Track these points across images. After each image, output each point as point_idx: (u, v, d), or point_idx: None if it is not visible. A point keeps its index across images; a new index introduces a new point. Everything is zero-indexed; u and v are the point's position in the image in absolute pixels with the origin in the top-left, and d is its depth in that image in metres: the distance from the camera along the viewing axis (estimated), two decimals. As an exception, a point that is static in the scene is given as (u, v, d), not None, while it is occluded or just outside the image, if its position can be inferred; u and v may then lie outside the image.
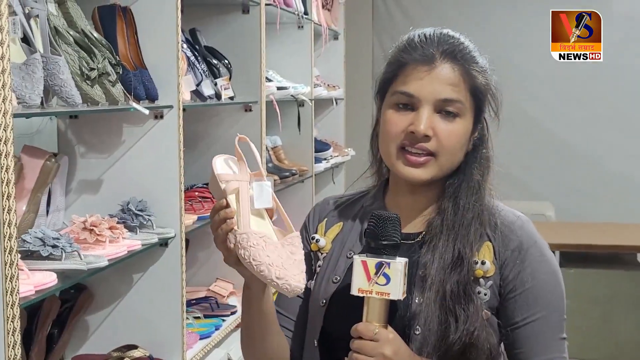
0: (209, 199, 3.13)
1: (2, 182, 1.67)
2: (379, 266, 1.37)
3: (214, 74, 3.18)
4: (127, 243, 2.34)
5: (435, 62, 1.48)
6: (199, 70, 3.02)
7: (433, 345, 1.44)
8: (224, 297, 3.33)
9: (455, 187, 1.52)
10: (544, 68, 5.96)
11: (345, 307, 1.45)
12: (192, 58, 3.02)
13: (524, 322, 1.49)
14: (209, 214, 2.95)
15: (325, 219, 1.65)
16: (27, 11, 2.05)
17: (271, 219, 1.49)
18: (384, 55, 1.59)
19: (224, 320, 3.18)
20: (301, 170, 4.29)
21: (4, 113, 1.68)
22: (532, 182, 6.05)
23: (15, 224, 1.72)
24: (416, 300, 1.46)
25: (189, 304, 3.08)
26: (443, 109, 1.48)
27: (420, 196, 1.55)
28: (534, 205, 5.66)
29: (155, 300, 2.67)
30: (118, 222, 2.42)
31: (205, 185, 3.29)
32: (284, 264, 1.40)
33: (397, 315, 1.46)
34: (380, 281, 1.37)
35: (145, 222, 2.54)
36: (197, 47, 3.19)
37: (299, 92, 4.13)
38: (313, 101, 4.50)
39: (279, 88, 3.84)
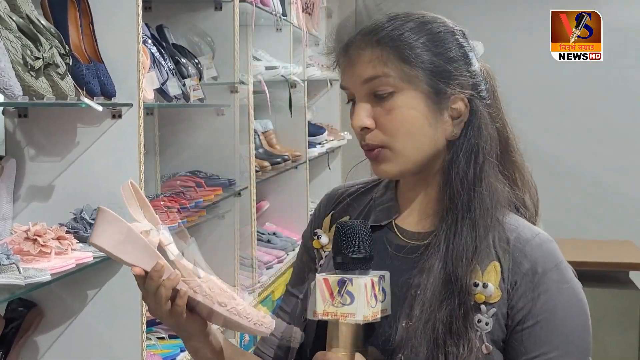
0: (192, 188, 2.92)
1: None
2: (341, 283, 1.20)
3: (182, 73, 2.95)
4: (77, 255, 2.09)
5: (353, 44, 1.30)
6: (164, 68, 2.79)
7: None
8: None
9: (446, 177, 1.31)
10: (537, 76, 5.87)
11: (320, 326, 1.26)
12: (157, 55, 2.79)
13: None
14: (174, 224, 2.72)
15: (332, 212, 1.45)
16: (-41, -10, 1.82)
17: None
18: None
19: (191, 340, 2.93)
20: (294, 155, 4.10)
21: None
22: (517, 197, 5.91)
23: None
24: (402, 324, 1.24)
25: (152, 323, 2.83)
26: (374, 91, 1.28)
27: (425, 186, 1.34)
28: (521, 220, 5.52)
29: (112, 319, 2.43)
30: (68, 232, 2.17)
31: (188, 174, 3.07)
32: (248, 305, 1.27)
33: (379, 340, 1.25)
34: (345, 300, 1.20)
35: (100, 232, 2.29)
36: (163, 44, 2.96)
37: (290, 72, 3.91)
38: (306, 82, 4.29)
39: (267, 68, 3.62)
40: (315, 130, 4.58)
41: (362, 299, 1.19)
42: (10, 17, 1.99)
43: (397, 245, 1.33)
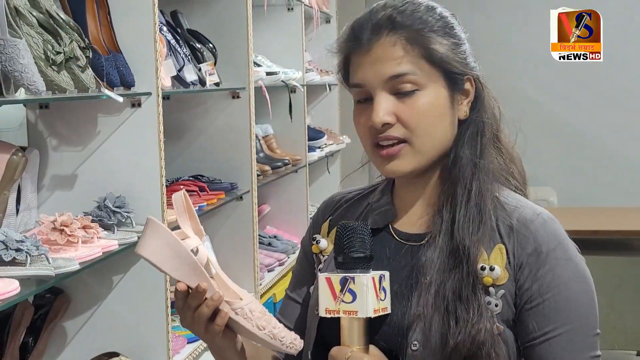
0: (195, 192, 2.96)
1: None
2: (343, 282, 1.25)
3: (197, 58, 3.00)
4: (102, 244, 2.14)
5: (370, 42, 1.31)
6: (180, 54, 2.83)
7: None
8: (214, 296, 3.15)
9: (449, 169, 1.35)
10: (546, 52, 5.90)
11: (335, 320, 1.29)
12: (173, 42, 2.83)
13: (544, 338, 1.28)
14: (195, 207, 2.77)
15: (330, 218, 1.48)
16: (-19, -11, 1.85)
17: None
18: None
19: (213, 321, 2.99)
20: (294, 159, 4.14)
21: (-51, 102, 1.49)
22: (532, 167, 5.90)
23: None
24: (413, 310, 1.29)
25: (174, 305, 2.90)
26: (397, 88, 1.30)
27: (422, 188, 1.38)
28: (535, 190, 5.44)
29: (137, 303, 2.50)
30: (93, 221, 2.22)
31: (191, 178, 3.11)
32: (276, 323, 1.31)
33: (390, 328, 1.30)
34: (347, 299, 1.25)
35: (123, 220, 2.35)
36: (178, 30, 3.00)
37: (290, 77, 3.95)
38: (305, 87, 4.32)
39: (268, 73, 3.66)
40: (314, 134, 4.63)
41: (369, 294, 1.24)
42: (31, 13, 2.03)
43: (395, 247, 1.37)
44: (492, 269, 1.27)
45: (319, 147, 4.61)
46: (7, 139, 2.28)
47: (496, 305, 1.27)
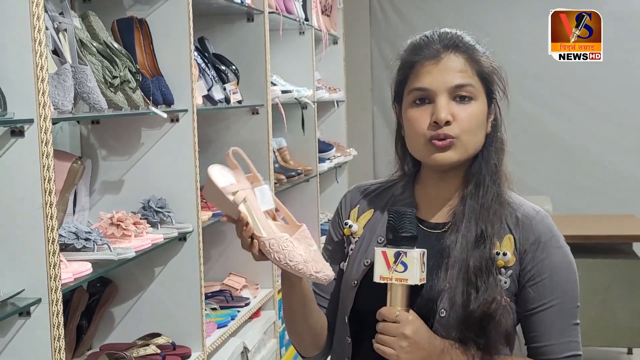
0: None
1: (45, 180, 1.87)
2: (397, 255, 1.53)
3: (222, 79, 3.37)
4: (151, 237, 2.53)
5: (440, 55, 1.61)
6: (209, 76, 3.21)
7: (457, 327, 1.57)
8: (238, 290, 3.52)
9: (476, 170, 1.66)
10: (543, 66, 6.08)
11: (374, 288, 1.58)
12: (202, 65, 3.21)
13: (542, 308, 1.62)
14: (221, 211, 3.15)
15: (357, 206, 1.78)
16: (56, 25, 2.25)
17: (274, 219, 1.64)
18: (382, 59, 1.74)
19: (238, 312, 3.36)
20: (306, 170, 4.47)
21: (44, 118, 1.88)
22: (529, 177, 6.17)
23: (56, 217, 1.91)
24: (440, 283, 1.60)
25: (205, 296, 3.26)
26: (457, 94, 1.60)
27: (447, 184, 1.68)
28: (532, 199, 5.71)
29: (175, 292, 2.85)
30: (141, 218, 2.60)
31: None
32: (313, 257, 1.56)
33: (421, 298, 1.59)
34: (399, 269, 1.53)
35: (165, 218, 2.72)
36: (206, 54, 3.38)
37: (302, 95, 4.31)
38: (315, 103, 4.67)
39: (283, 92, 4.03)
40: (324, 147, 4.96)
41: (417, 266, 1.52)
42: (92, 44, 2.42)
43: (421, 233, 1.66)
44: (504, 254, 1.62)
45: (329, 159, 4.94)
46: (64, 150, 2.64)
47: (505, 283, 1.61)
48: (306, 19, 4.48)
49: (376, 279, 1.55)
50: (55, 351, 1.91)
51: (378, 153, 6.53)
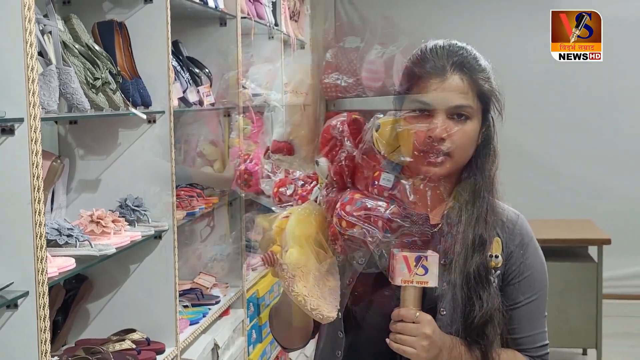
0: (193, 197, 3.40)
1: (34, 177, 1.94)
2: (418, 259, 1.59)
3: (196, 82, 3.45)
4: (129, 234, 2.60)
5: (446, 74, 1.67)
6: (184, 78, 3.29)
7: (457, 324, 1.66)
8: (208, 288, 3.59)
9: (472, 179, 1.74)
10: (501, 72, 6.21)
11: (368, 286, 1.69)
12: (178, 67, 3.28)
13: (522, 303, 1.73)
14: (195, 210, 3.23)
15: None
16: (41, 27, 2.31)
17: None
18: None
19: (209, 309, 3.44)
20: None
21: (33, 117, 1.94)
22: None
23: (43, 213, 1.98)
24: (441, 285, 1.67)
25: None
26: (455, 113, 1.66)
27: (437, 189, 1.75)
28: (495, 205, 5.88)
29: (150, 289, 2.92)
30: (119, 217, 2.67)
31: (188, 186, 3.55)
32: (319, 293, 1.61)
33: (425, 298, 1.66)
34: (420, 272, 1.59)
35: (141, 217, 2.79)
36: (180, 57, 3.45)
37: (271, 98, 4.38)
38: (285, 107, 4.74)
39: (253, 95, 4.10)
40: None
41: (435, 269, 1.59)
42: (74, 46, 2.49)
43: None
44: (496, 257, 1.72)
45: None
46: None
47: (494, 281, 1.72)
48: (275, 24, 4.56)
49: (397, 283, 1.60)
50: (41, 342, 1.98)
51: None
